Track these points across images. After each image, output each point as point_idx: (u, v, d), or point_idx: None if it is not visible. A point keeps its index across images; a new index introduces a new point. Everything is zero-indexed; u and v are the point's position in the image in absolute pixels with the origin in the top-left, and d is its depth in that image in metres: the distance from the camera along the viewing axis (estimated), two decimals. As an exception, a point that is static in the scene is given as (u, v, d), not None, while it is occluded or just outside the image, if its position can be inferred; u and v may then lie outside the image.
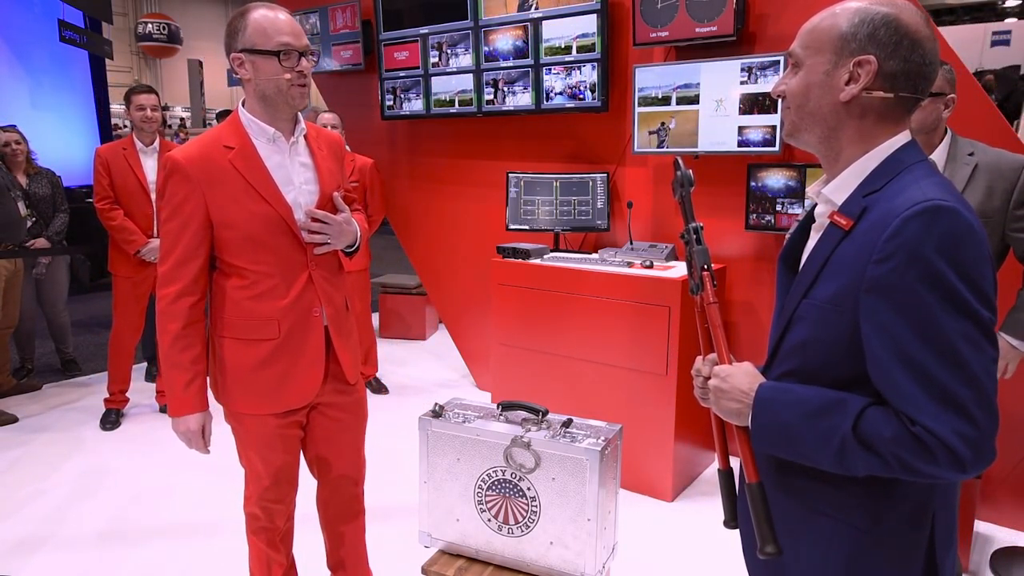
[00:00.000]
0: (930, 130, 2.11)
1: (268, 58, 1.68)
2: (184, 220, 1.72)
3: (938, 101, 2.09)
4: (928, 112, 2.09)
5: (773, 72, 2.93)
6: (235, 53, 1.71)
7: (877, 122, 1.04)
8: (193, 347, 1.77)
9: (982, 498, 2.73)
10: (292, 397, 1.87)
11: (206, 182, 1.71)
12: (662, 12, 3.17)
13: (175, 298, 1.74)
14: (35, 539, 2.82)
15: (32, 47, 7.23)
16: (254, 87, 1.73)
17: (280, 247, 1.78)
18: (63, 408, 4.21)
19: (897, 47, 1.01)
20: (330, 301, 1.89)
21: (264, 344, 1.80)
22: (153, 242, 3.79)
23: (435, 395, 3.74)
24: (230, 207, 1.72)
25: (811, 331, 1.06)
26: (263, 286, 1.78)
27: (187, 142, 1.83)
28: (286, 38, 1.68)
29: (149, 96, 3.79)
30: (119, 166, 3.75)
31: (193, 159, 1.71)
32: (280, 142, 1.79)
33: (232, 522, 2.90)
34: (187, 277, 1.74)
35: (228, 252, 1.77)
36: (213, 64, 16.75)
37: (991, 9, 12.72)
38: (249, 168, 1.73)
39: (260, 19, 1.68)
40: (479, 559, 2.13)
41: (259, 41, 1.68)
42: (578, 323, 3.20)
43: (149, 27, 15.77)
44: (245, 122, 1.77)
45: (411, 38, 4.01)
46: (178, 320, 1.74)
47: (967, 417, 0.92)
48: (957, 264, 0.92)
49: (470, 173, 4.17)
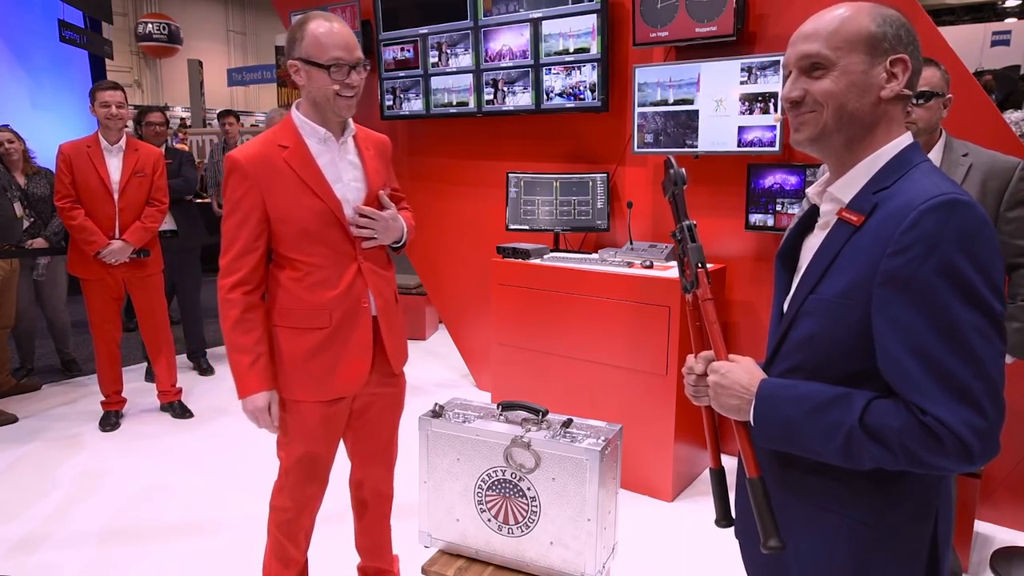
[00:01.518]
0: (932, 130, 2.12)
1: (320, 70, 1.78)
2: (243, 215, 1.83)
3: (939, 101, 2.09)
4: (934, 112, 2.10)
5: (773, 72, 2.93)
6: (292, 60, 1.81)
7: (892, 122, 1.07)
8: (254, 330, 1.87)
9: (982, 498, 2.73)
10: (340, 385, 1.95)
11: (263, 179, 1.82)
12: (662, 12, 3.17)
13: (231, 288, 1.85)
14: (35, 539, 2.82)
15: (32, 47, 7.23)
16: (307, 93, 1.84)
17: (331, 240, 1.88)
18: (63, 408, 4.21)
19: (915, 47, 1.05)
20: (379, 293, 1.98)
21: (315, 333, 1.90)
22: (114, 244, 3.67)
23: (435, 395, 3.74)
24: (285, 202, 1.83)
25: (819, 326, 1.07)
26: (315, 277, 1.88)
27: (246, 142, 1.93)
28: (338, 52, 1.77)
29: (114, 93, 3.64)
30: (82, 164, 3.62)
31: (251, 158, 1.83)
32: (330, 142, 1.89)
33: (232, 522, 2.91)
34: (245, 268, 1.85)
35: (283, 245, 1.88)
36: (213, 64, 16.75)
37: (991, 9, 12.72)
38: (302, 166, 1.84)
39: (317, 31, 1.77)
40: (479, 559, 2.13)
41: (313, 53, 1.77)
42: (578, 323, 3.20)
43: (149, 27, 15.76)
44: (298, 123, 1.88)
45: (410, 38, 4.01)
46: (237, 307, 1.85)
47: (978, 409, 0.93)
48: (973, 257, 0.93)
49: (470, 173, 4.17)
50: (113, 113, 3.62)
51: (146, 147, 3.87)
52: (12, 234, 4.13)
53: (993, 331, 0.94)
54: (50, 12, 6.54)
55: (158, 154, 3.91)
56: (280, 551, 2.12)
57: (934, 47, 2.71)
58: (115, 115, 3.63)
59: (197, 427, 3.93)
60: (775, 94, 2.94)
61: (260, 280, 1.90)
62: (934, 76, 2.08)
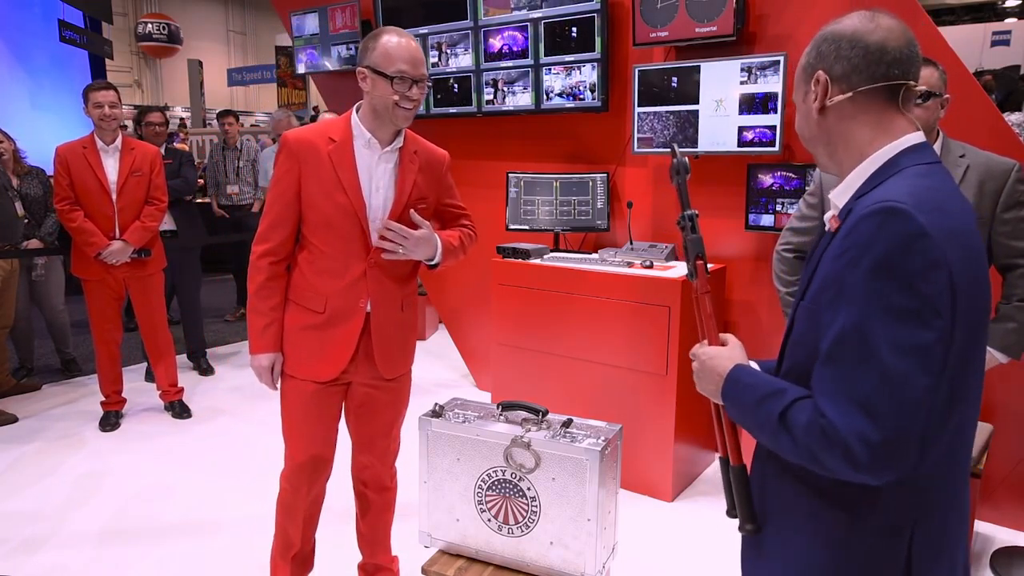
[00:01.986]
0: (929, 130, 2.12)
1: (384, 79, 1.87)
2: (281, 190, 1.97)
3: (937, 101, 2.09)
4: (931, 112, 2.09)
5: (773, 72, 2.93)
6: (361, 67, 1.90)
7: (861, 124, 1.08)
8: (272, 297, 2.02)
9: (982, 498, 2.73)
10: (321, 369, 2.05)
11: (305, 162, 1.95)
12: (662, 12, 3.17)
13: (260, 255, 2.00)
14: (35, 539, 2.82)
15: (32, 47, 7.23)
16: (369, 99, 1.94)
17: (347, 236, 1.98)
18: (63, 408, 4.21)
19: (838, 52, 1.07)
20: (380, 300, 2.05)
21: (311, 314, 2.02)
22: (114, 244, 3.66)
23: (435, 395, 3.73)
24: (317, 190, 1.95)
25: (800, 330, 1.11)
26: (323, 264, 2.00)
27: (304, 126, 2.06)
28: (404, 66, 1.87)
29: (107, 93, 3.61)
30: (79, 166, 3.59)
31: (301, 142, 1.95)
32: (374, 147, 1.98)
33: (232, 522, 2.91)
34: (275, 240, 1.99)
35: (306, 227, 2.00)
36: (213, 64, 16.75)
37: (991, 9, 12.72)
38: (341, 162, 1.95)
39: (388, 43, 1.87)
40: (479, 559, 2.13)
41: (381, 63, 1.87)
42: (578, 323, 3.20)
43: (149, 27, 15.77)
44: (352, 123, 1.99)
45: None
46: (262, 273, 2.00)
47: (875, 421, 0.92)
48: (898, 269, 0.92)
49: (470, 173, 4.17)
50: (106, 113, 3.59)
51: (143, 146, 3.86)
52: (13, 234, 4.12)
53: (914, 346, 0.91)
54: (50, 12, 6.55)
55: (155, 152, 3.89)
56: (282, 532, 2.20)
57: (934, 47, 2.71)
58: (108, 115, 3.60)
59: (197, 427, 3.93)
60: (775, 94, 2.94)
61: (288, 253, 2.03)
62: (932, 76, 2.08)
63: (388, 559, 2.38)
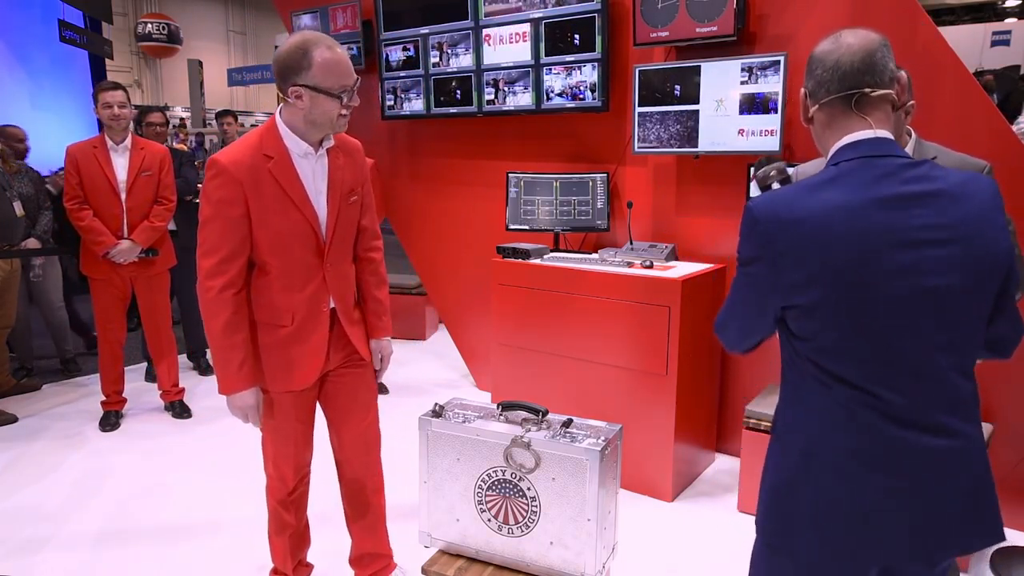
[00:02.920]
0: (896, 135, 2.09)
1: (329, 97, 1.83)
2: (230, 220, 1.88)
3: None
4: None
5: (773, 72, 2.93)
6: (295, 86, 1.82)
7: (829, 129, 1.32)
8: (242, 330, 1.95)
9: (982, 498, 2.73)
10: (297, 379, 2.04)
11: (249, 186, 1.87)
12: (662, 12, 3.17)
13: (221, 289, 1.89)
14: (35, 539, 2.82)
15: (32, 48, 7.23)
16: (305, 114, 1.87)
17: (303, 249, 1.97)
18: (63, 408, 4.21)
19: (810, 71, 1.35)
20: (341, 297, 2.07)
21: (280, 330, 2.00)
22: (123, 244, 3.68)
23: (435, 395, 3.74)
24: (266, 211, 1.90)
25: None
26: (282, 280, 1.97)
27: (228, 146, 1.96)
28: (347, 80, 1.85)
29: (116, 93, 3.63)
30: (89, 165, 3.62)
31: (239, 164, 1.86)
32: (310, 156, 1.95)
33: (232, 522, 2.91)
34: (232, 271, 1.91)
35: (258, 249, 1.94)
36: (213, 64, 16.75)
37: (991, 9, 12.72)
38: (286, 179, 1.91)
39: (326, 61, 1.81)
40: (479, 559, 2.13)
41: (323, 82, 1.81)
42: (578, 323, 3.20)
43: (149, 27, 15.78)
44: (283, 134, 1.92)
45: (411, 38, 4.01)
46: (227, 308, 1.90)
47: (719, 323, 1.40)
48: (741, 245, 1.29)
49: (470, 173, 4.17)
50: (116, 113, 3.62)
51: (152, 145, 3.88)
52: (13, 234, 4.12)
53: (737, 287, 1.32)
54: (50, 12, 6.54)
55: (164, 152, 3.91)
56: (275, 515, 2.21)
57: (934, 47, 2.71)
58: (118, 115, 3.63)
59: (197, 427, 3.93)
60: (775, 94, 2.94)
61: (244, 281, 1.96)
62: None
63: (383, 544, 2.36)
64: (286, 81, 1.83)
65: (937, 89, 2.71)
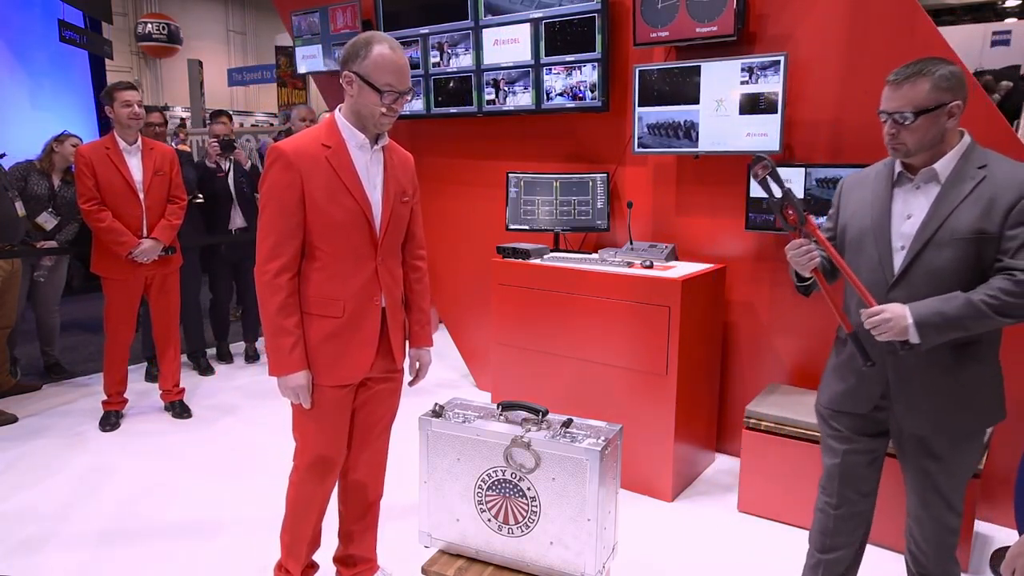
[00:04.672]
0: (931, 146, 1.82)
1: (372, 90, 1.89)
2: (284, 204, 1.93)
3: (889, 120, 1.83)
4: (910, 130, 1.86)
5: (773, 72, 2.93)
6: (347, 72, 1.91)
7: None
8: (295, 314, 1.98)
9: (982, 498, 2.73)
10: (346, 372, 2.05)
11: (306, 172, 1.93)
12: (662, 12, 3.17)
13: (277, 272, 1.94)
14: (35, 539, 2.82)
15: (32, 47, 7.23)
16: (353, 103, 1.95)
17: (356, 237, 2.00)
18: (63, 408, 4.21)
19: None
20: (390, 292, 2.10)
21: (329, 321, 2.01)
22: (145, 243, 3.71)
23: (435, 395, 3.73)
24: (322, 195, 1.94)
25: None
26: (335, 268, 2.00)
27: (290, 137, 2.03)
28: (393, 80, 1.89)
29: (134, 92, 3.68)
30: (104, 166, 3.63)
31: (296, 150, 1.93)
32: (366, 148, 2.01)
33: (232, 522, 2.91)
34: (287, 255, 1.95)
35: (312, 234, 1.98)
36: (213, 64, 16.74)
37: (991, 9, 12.70)
38: (341, 166, 1.97)
39: (381, 55, 1.88)
40: (479, 559, 2.13)
41: (372, 74, 1.88)
42: (578, 323, 3.20)
43: (149, 27, 15.76)
44: (341, 126, 1.99)
45: (411, 38, 4.01)
46: (282, 291, 1.95)
47: None
48: None
49: (470, 173, 4.17)
50: (136, 112, 3.66)
51: (160, 146, 3.93)
52: (15, 234, 4.12)
53: None
54: (50, 12, 6.54)
55: (172, 153, 3.97)
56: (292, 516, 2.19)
57: (934, 47, 2.71)
58: (137, 114, 3.67)
59: (197, 427, 3.93)
60: (775, 94, 2.94)
61: (298, 266, 2.00)
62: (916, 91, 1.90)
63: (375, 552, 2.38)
64: (344, 66, 1.92)
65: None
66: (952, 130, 1.77)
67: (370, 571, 2.37)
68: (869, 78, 2.84)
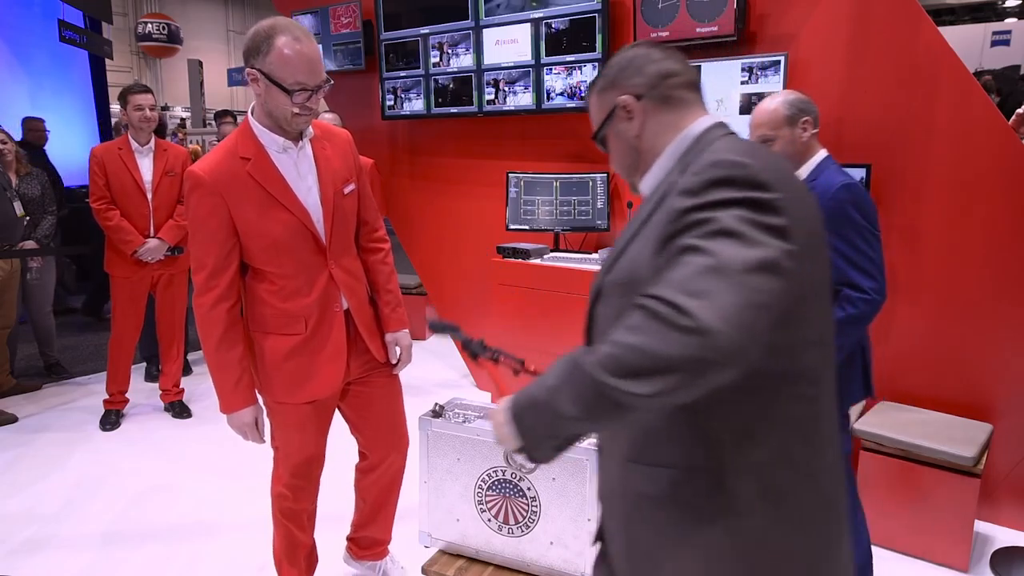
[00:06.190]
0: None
1: (281, 91, 1.70)
2: (211, 233, 1.79)
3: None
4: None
5: (774, 72, 2.93)
6: (251, 69, 1.71)
7: None
8: (236, 346, 1.88)
9: (982, 498, 2.73)
10: (316, 388, 1.97)
11: (229, 195, 1.77)
12: (663, 12, 3.17)
13: (213, 305, 1.82)
14: (35, 539, 2.82)
15: (32, 48, 7.23)
16: (263, 103, 1.77)
17: (301, 250, 1.86)
18: (63, 408, 4.21)
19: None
20: (353, 293, 1.99)
21: (292, 338, 1.92)
22: (151, 242, 3.77)
23: (435, 395, 3.73)
24: (253, 216, 1.79)
25: None
26: (289, 287, 1.88)
27: (205, 155, 1.87)
28: (303, 77, 1.69)
29: (146, 96, 3.74)
30: (115, 166, 3.72)
31: (214, 173, 1.77)
32: (290, 150, 1.84)
33: (232, 522, 2.91)
34: (222, 285, 1.82)
35: (255, 259, 1.86)
36: (213, 64, 16.74)
37: (991, 9, 12.71)
38: (267, 178, 1.80)
39: (284, 50, 1.67)
40: (479, 559, 2.13)
41: (277, 72, 1.68)
42: (578, 323, 3.18)
43: (149, 27, 15.76)
44: (257, 131, 1.81)
45: (412, 38, 4.01)
46: (219, 325, 1.83)
47: None
48: None
49: (470, 173, 4.17)
50: (147, 116, 3.72)
51: (174, 147, 3.97)
52: (12, 234, 4.12)
53: None
54: (50, 12, 6.53)
55: (185, 154, 4.01)
56: (286, 537, 2.18)
57: (934, 47, 2.71)
58: (149, 117, 3.73)
59: (197, 427, 3.93)
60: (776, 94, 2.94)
61: (238, 294, 1.90)
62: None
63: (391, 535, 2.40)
64: (247, 61, 1.72)
65: (937, 89, 2.71)
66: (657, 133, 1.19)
67: (383, 553, 2.39)
68: (869, 78, 2.84)
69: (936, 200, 2.78)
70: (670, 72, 1.11)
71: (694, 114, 1.11)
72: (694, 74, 1.14)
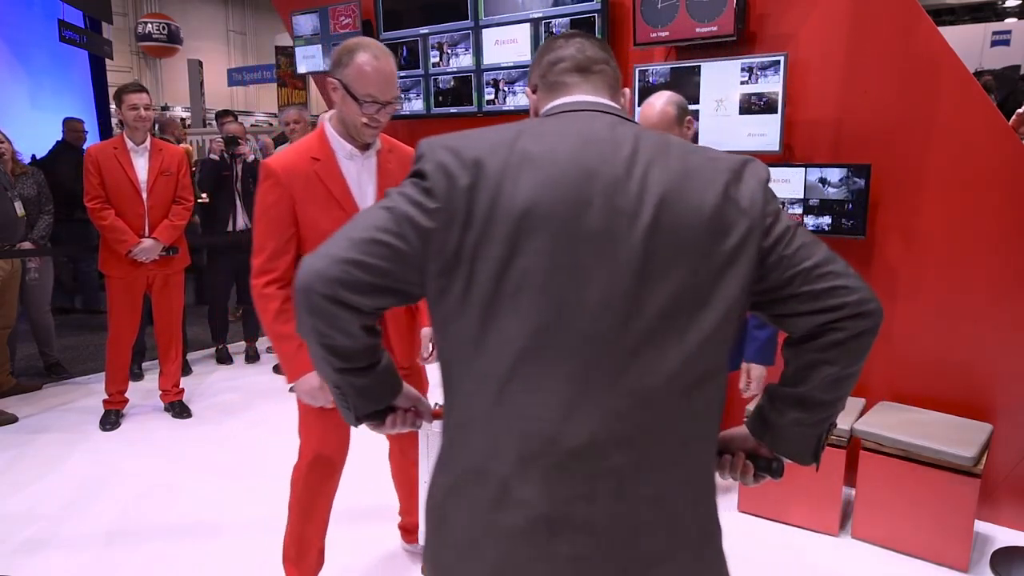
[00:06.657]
0: None
1: (354, 101, 1.86)
2: (272, 220, 1.94)
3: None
4: None
5: (773, 72, 2.93)
6: (332, 78, 1.88)
7: None
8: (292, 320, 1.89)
9: (982, 498, 2.73)
10: None
11: (295, 187, 1.93)
12: (662, 12, 3.17)
13: (268, 283, 1.95)
14: (35, 539, 2.82)
15: (32, 47, 7.23)
16: (338, 111, 1.93)
17: None
18: (63, 408, 4.21)
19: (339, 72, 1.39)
20: None
21: None
22: (145, 242, 3.74)
23: (435, 395, 3.75)
24: (313, 210, 1.94)
25: None
26: None
27: (282, 150, 2.01)
28: (374, 91, 1.85)
29: (141, 95, 3.71)
30: (110, 166, 3.69)
31: (285, 167, 1.94)
32: (356, 157, 1.99)
33: (233, 522, 2.90)
34: (279, 269, 1.95)
35: (308, 248, 1.93)
36: (213, 64, 16.74)
37: (991, 9, 12.71)
38: (331, 179, 1.96)
39: (362, 65, 1.84)
40: (479, 559, 2.12)
41: (353, 83, 1.85)
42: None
43: (149, 27, 15.76)
44: (330, 136, 1.98)
45: (411, 38, 4.01)
46: (274, 299, 1.95)
47: None
48: None
49: (470, 173, 4.16)
50: (142, 115, 3.69)
51: (170, 147, 3.95)
52: (13, 234, 4.12)
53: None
54: (50, 12, 6.54)
55: (182, 154, 3.99)
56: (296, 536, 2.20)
57: (934, 47, 2.71)
58: (143, 117, 3.70)
59: (197, 427, 3.93)
60: (776, 94, 2.94)
61: (291, 277, 1.94)
62: None
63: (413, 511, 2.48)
64: (331, 71, 1.90)
65: (937, 89, 2.71)
66: None
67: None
68: (869, 78, 2.84)
69: (936, 200, 2.78)
70: (558, 59, 1.17)
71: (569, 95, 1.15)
72: (583, 58, 1.16)
